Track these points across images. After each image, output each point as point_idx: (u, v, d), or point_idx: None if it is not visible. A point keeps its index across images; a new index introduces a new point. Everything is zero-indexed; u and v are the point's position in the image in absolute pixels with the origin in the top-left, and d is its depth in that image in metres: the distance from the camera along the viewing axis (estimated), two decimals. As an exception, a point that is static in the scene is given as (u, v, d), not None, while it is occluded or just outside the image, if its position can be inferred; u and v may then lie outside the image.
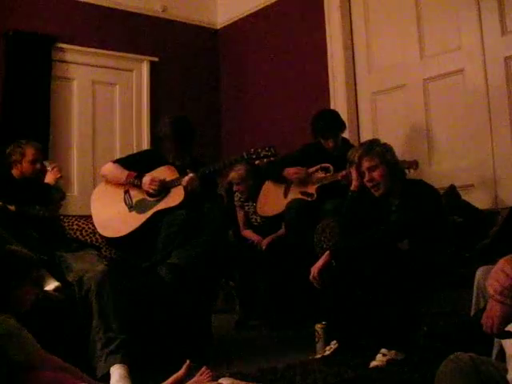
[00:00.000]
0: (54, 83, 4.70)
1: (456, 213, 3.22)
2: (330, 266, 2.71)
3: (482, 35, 3.76)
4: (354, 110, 4.52)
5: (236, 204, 4.19)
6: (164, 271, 2.81)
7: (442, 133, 4.00)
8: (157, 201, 3.14)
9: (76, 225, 3.35)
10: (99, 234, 3.24)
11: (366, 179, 2.82)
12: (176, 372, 1.94)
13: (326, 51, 4.62)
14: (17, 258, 1.91)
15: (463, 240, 3.00)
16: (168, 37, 5.33)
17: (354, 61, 4.56)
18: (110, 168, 3.33)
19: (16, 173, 3.11)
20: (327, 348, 2.69)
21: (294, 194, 3.74)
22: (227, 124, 5.54)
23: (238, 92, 5.45)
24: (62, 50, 4.75)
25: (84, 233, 3.33)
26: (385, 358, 2.45)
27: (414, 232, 2.72)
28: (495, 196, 3.67)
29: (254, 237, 4.00)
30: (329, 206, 3.45)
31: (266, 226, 4.00)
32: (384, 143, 2.91)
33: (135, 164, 3.28)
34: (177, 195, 3.10)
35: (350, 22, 4.58)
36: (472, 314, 2.06)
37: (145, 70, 5.21)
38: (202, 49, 5.55)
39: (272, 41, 5.11)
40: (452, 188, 3.50)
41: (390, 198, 2.84)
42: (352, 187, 2.97)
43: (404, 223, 2.72)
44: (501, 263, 1.21)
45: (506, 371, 1.33)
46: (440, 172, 3.90)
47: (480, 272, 2.07)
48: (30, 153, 3.11)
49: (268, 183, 3.99)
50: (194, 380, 1.94)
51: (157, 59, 5.24)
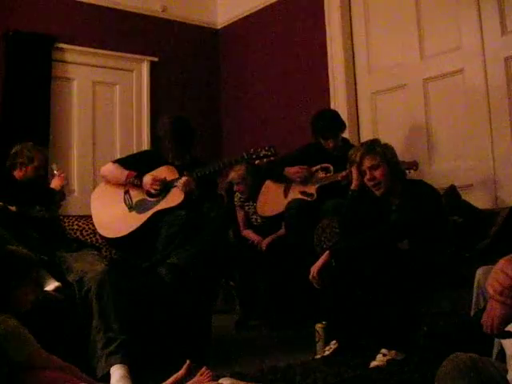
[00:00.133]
0: (54, 83, 4.69)
1: (456, 213, 3.22)
2: (329, 265, 2.72)
3: (482, 35, 3.75)
4: (354, 110, 4.52)
5: (236, 204, 4.19)
6: (164, 271, 2.82)
7: (442, 133, 4.00)
8: (157, 201, 3.15)
9: (76, 225, 3.34)
10: (99, 234, 3.24)
11: (367, 178, 2.82)
12: (176, 372, 1.94)
13: (326, 51, 4.61)
14: (17, 258, 1.92)
15: (463, 240, 3.00)
16: (168, 37, 5.33)
17: (353, 61, 4.56)
18: (109, 168, 3.34)
19: (18, 174, 3.09)
20: (327, 348, 2.69)
21: (294, 193, 3.75)
22: (227, 124, 5.54)
23: (238, 92, 5.44)
24: (61, 50, 4.74)
25: (84, 233, 3.32)
26: (385, 358, 2.45)
27: (414, 232, 2.72)
28: (495, 196, 3.67)
29: (254, 237, 4.00)
30: (329, 206, 3.44)
31: (266, 226, 4.00)
32: (385, 143, 2.91)
33: (135, 164, 3.29)
34: (177, 195, 3.10)
35: (350, 22, 4.58)
36: (472, 314, 2.06)
37: (145, 70, 5.21)
38: (202, 49, 5.55)
39: (272, 41, 5.11)
40: (452, 188, 3.49)
41: (390, 198, 2.84)
42: (352, 186, 2.97)
43: (404, 223, 2.73)
44: (501, 263, 1.22)
45: (506, 371, 1.33)
46: (440, 172, 3.90)
47: (480, 272, 2.07)
48: (38, 159, 3.09)
49: (268, 183, 3.99)
50: (194, 380, 1.94)
51: (157, 59, 5.23)
